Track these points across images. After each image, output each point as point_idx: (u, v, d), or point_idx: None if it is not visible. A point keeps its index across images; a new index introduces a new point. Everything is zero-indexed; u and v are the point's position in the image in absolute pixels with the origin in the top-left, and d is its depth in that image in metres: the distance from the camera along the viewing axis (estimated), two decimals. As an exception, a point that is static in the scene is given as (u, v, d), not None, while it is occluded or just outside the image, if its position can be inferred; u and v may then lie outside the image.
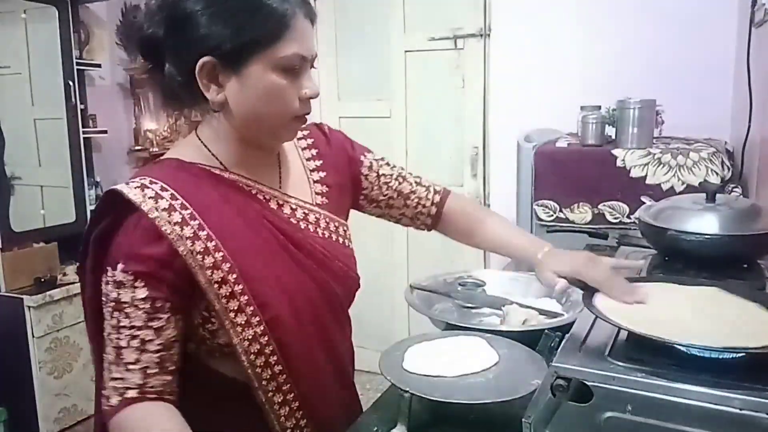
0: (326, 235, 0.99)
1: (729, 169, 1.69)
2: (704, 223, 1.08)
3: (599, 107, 1.97)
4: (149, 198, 0.83)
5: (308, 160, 1.05)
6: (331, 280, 0.97)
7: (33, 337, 2.74)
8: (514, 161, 2.01)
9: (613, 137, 1.90)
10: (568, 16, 2.36)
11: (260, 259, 0.89)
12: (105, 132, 3.42)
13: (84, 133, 3.21)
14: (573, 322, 0.89)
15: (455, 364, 1.00)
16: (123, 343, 0.82)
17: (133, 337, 0.82)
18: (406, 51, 2.85)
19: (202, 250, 0.84)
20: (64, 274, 2.94)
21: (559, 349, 0.80)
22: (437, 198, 1.18)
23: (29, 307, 2.72)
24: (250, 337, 0.87)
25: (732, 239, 1.07)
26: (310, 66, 0.90)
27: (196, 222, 0.84)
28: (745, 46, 1.83)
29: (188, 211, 0.84)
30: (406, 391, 0.92)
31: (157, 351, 0.83)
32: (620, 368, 0.72)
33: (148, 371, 0.83)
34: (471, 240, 1.20)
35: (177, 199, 0.85)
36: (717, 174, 1.67)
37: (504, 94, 2.54)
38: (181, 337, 0.87)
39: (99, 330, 0.87)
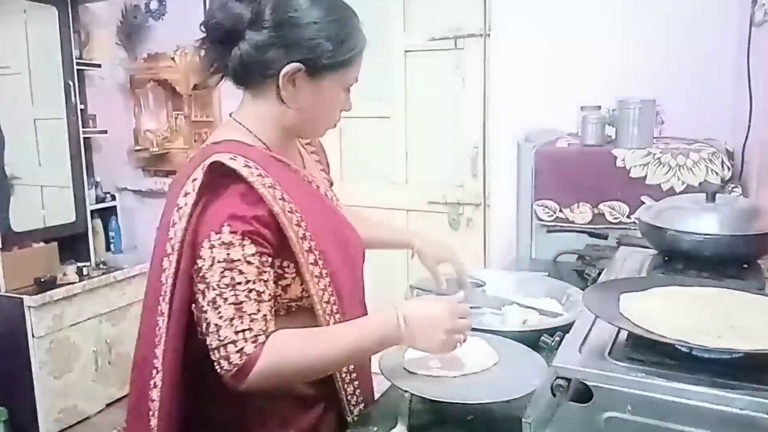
0: (339, 209, 1.14)
1: (729, 169, 1.69)
2: (704, 223, 1.08)
3: (599, 107, 1.97)
4: (244, 167, 0.92)
5: (311, 153, 1.20)
6: (357, 244, 1.12)
7: (33, 337, 2.74)
8: (514, 161, 2.01)
9: (613, 137, 1.90)
10: (569, 16, 2.36)
11: (320, 220, 1.02)
12: (105, 132, 3.43)
13: (84, 133, 3.21)
14: (573, 322, 0.89)
15: (455, 363, 1.00)
16: (242, 297, 0.90)
17: (250, 290, 0.90)
18: (406, 51, 2.84)
19: (289, 210, 0.95)
20: (64, 274, 2.94)
21: (559, 349, 0.80)
22: None
23: (29, 307, 2.72)
24: (323, 287, 0.99)
25: (732, 239, 1.07)
26: None
27: (279, 187, 0.95)
28: (745, 46, 1.83)
29: (269, 179, 0.94)
30: (406, 391, 0.92)
31: (269, 300, 0.93)
32: (620, 368, 0.72)
33: (268, 318, 0.92)
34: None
35: (258, 169, 0.94)
36: (717, 174, 1.67)
37: (504, 94, 2.54)
38: None
39: (187, 302, 0.94)
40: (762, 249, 1.12)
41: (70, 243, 3.15)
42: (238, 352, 0.88)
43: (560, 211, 1.86)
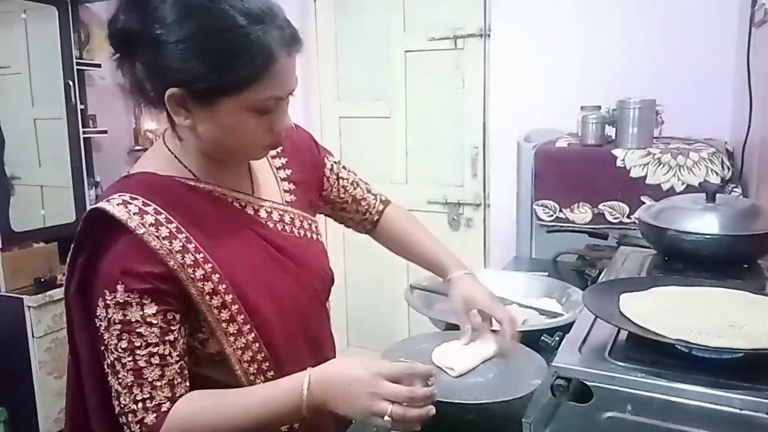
0: (301, 234, 1.01)
1: (729, 169, 1.69)
2: (704, 223, 1.08)
3: (599, 107, 1.97)
4: (134, 214, 0.82)
5: (273, 158, 1.04)
6: (310, 278, 0.99)
7: (33, 337, 2.74)
8: (514, 161, 2.01)
9: (613, 137, 1.90)
10: (568, 16, 2.36)
11: (247, 266, 0.89)
12: (105, 132, 3.42)
13: (84, 133, 3.21)
14: (573, 322, 0.89)
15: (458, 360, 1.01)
16: (142, 363, 0.81)
17: (152, 354, 0.81)
18: (406, 51, 2.84)
19: (192, 262, 0.83)
20: (64, 274, 2.94)
21: (559, 349, 0.80)
22: (381, 207, 1.22)
23: (29, 307, 2.72)
24: (242, 345, 0.87)
25: (732, 239, 1.07)
26: (287, 99, 0.87)
27: (183, 235, 0.83)
28: (745, 46, 1.83)
29: (174, 225, 0.83)
30: (406, 391, 0.92)
31: (177, 362, 0.83)
32: (620, 368, 0.72)
33: (174, 383, 0.83)
34: (399, 251, 1.23)
35: (161, 213, 0.83)
36: (717, 174, 1.67)
37: (504, 94, 2.54)
38: None
39: (91, 353, 0.86)
40: (762, 249, 1.12)
41: (70, 243, 3.14)
42: (138, 422, 0.80)
43: (560, 211, 1.86)
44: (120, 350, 0.81)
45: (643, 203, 1.28)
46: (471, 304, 1.09)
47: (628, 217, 1.75)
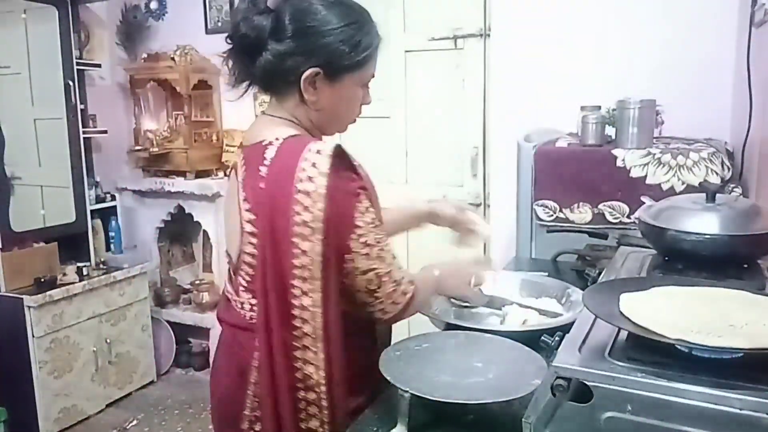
0: None
1: (729, 169, 1.69)
2: (704, 223, 1.08)
3: (599, 107, 1.97)
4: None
5: None
6: None
7: (33, 337, 2.74)
8: (514, 161, 2.01)
9: (613, 137, 1.90)
10: (568, 16, 2.36)
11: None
12: (105, 132, 3.43)
13: (84, 133, 3.21)
14: (573, 322, 0.89)
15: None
16: (388, 247, 1.06)
17: (387, 243, 1.07)
18: (406, 51, 2.85)
19: (370, 187, 1.09)
20: (64, 274, 2.94)
21: (559, 349, 0.80)
22: None
23: (29, 307, 2.72)
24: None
25: (732, 239, 1.07)
26: None
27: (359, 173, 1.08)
28: (745, 46, 1.83)
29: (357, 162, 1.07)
30: (406, 391, 0.92)
31: None
32: (620, 368, 0.72)
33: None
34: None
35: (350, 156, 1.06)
36: (717, 174, 1.67)
37: (504, 94, 2.54)
38: None
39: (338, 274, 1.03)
40: (762, 249, 1.12)
41: (70, 243, 3.14)
42: (409, 282, 1.08)
43: (560, 211, 1.86)
44: (379, 241, 1.04)
45: (643, 203, 1.28)
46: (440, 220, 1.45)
47: (628, 217, 1.75)
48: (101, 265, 3.22)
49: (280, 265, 1.01)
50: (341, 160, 1.03)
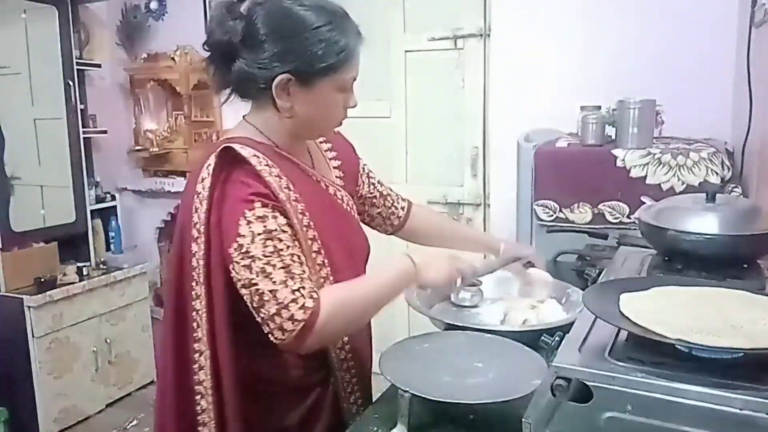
0: (348, 211, 1.18)
1: (729, 169, 1.69)
2: (704, 223, 1.08)
3: (599, 107, 1.96)
4: (252, 156, 1.00)
5: (326, 150, 1.24)
6: (360, 240, 1.19)
7: (33, 337, 2.74)
8: (514, 161, 2.01)
9: (613, 137, 1.90)
10: (568, 16, 2.36)
11: (325, 217, 1.08)
12: (105, 132, 3.42)
13: (84, 133, 3.21)
14: (573, 322, 0.89)
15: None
16: (288, 261, 0.96)
17: (292, 255, 0.97)
18: (406, 51, 2.84)
19: (294, 199, 1.02)
20: (64, 274, 2.94)
21: (559, 349, 0.80)
22: (405, 203, 1.40)
23: (29, 307, 2.72)
24: (324, 276, 1.05)
25: (732, 239, 1.07)
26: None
27: (284, 179, 1.02)
28: (745, 46, 1.83)
29: (276, 170, 1.01)
30: (406, 391, 0.92)
31: (304, 263, 0.99)
32: (620, 368, 0.72)
33: (312, 279, 0.98)
34: (436, 240, 1.44)
35: (266, 159, 1.01)
36: (717, 174, 1.67)
37: (504, 94, 2.54)
38: None
39: (226, 278, 0.98)
40: (762, 249, 1.12)
41: (70, 243, 3.14)
42: (300, 308, 0.93)
43: (560, 211, 1.86)
44: (268, 254, 0.95)
45: (643, 203, 1.28)
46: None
47: (628, 217, 1.75)
48: (101, 265, 3.22)
49: (182, 265, 1.03)
50: (236, 163, 0.99)
